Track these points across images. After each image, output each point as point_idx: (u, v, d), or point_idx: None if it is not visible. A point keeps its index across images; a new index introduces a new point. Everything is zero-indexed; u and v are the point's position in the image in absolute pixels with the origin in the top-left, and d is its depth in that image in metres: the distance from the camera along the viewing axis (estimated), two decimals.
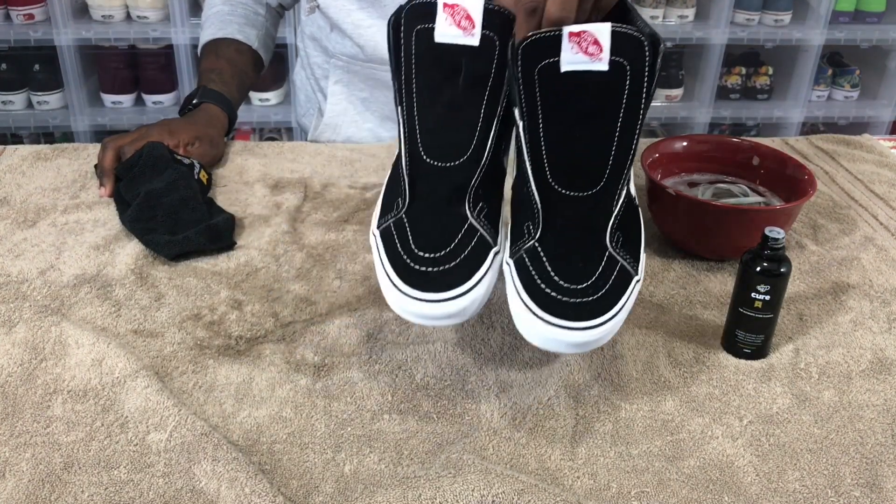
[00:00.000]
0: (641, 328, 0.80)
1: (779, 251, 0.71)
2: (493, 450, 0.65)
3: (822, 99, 2.61)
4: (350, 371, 0.73)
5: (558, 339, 0.60)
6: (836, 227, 0.99)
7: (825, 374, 0.75)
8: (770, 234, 0.71)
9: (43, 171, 1.06)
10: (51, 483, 0.61)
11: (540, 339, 0.61)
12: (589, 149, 0.64)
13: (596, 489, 0.62)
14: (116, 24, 2.25)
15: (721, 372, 0.75)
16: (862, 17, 2.45)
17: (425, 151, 0.66)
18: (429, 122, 0.66)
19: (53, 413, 0.67)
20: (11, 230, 0.92)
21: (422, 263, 0.62)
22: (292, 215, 0.97)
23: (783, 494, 0.62)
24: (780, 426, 0.69)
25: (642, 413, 0.70)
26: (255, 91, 2.38)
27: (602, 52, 0.60)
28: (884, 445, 0.67)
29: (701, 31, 2.40)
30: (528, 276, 0.62)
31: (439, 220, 0.65)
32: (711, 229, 0.86)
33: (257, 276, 0.86)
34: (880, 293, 0.86)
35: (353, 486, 0.62)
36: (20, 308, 0.78)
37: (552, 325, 0.60)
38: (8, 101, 2.34)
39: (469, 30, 0.64)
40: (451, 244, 0.63)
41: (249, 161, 1.10)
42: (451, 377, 0.73)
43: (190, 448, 0.63)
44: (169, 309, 0.80)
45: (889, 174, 1.12)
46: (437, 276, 0.61)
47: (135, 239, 0.89)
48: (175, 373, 0.72)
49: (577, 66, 0.61)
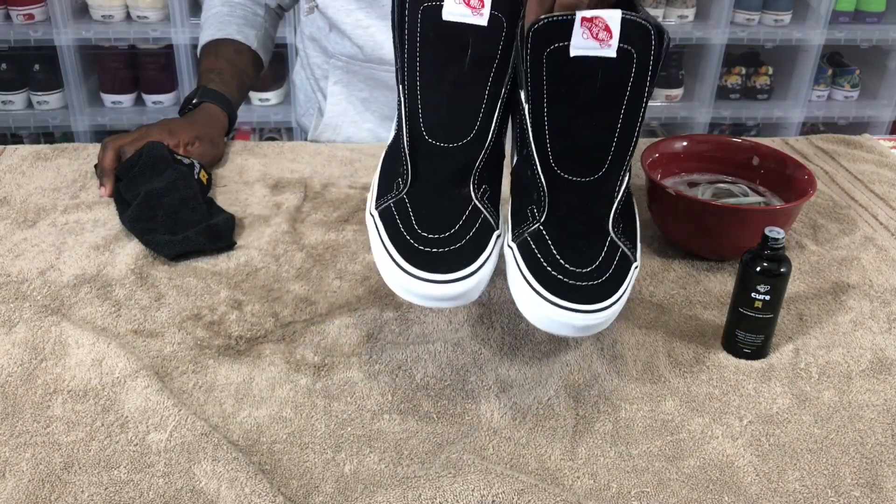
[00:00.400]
0: (641, 328, 0.80)
1: (779, 251, 0.71)
2: (493, 450, 0.65)
3: (822, 99, 2.61)
4: (350, 371, 0.73)
5: (564, 322, 0.60)
6: (836, 227, 0.99)
7: (825, 374, 0.75)
8: (770, 234, 0.71)
9: (43, 171, 1.06)
10: (51, 483, 0.61)
11: (546, 322, 0.61)
12: (593, 134, 0.64)
13: (596, 489, 0.62)
14: (116, 24, 2.25)
15: (721, 372, 0.75)
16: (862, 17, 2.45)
17: (427, 132, 0.66)
18: (432, 101, 0.66)
19: (53, 413, 0.67)
20: (11, 230, 0.92)
21: (426, 244, 0.62)
22: (292, 215, 0.97)
23: (783, 494, 0.62)
24: (780, 426, 0.69)
25: (642, 413, 0.70)
26: (255, 91, 2.38)
27: (612, 38, 0.62)
28: (884, 445, 0.67)
29: (701, 31, 2.40)
30: (533, 259, 0.63)
31: (443, 200, 0.65)
32: (711, 229, 0.86)
33: (257, 276, 0.86)
34: (880, 293, 0.86)
35: (353, 486, 0.62)
36: (20, 308, 0.78)
37: (559, 308, 0.60)
38: (8, 101, 2.34)
39: (478, 9, 0.64)
40: (456, 225, 0.63)
41: (249, 161, 1.10)
42: (451, 377, 0.73)
43: (190, 448, 0.63)
44: (169, 309, 0.80)
45: (889, 174, 1.12)
46: (442, 257, 0.61)
47: (135, 239, 0.89)
48: (175, 373, 0.72)
49: (586, 51, 0.62)
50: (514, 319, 0.80)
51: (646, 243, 0.94)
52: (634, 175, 1.09)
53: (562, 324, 0.61)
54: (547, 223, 0.64)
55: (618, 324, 0.80)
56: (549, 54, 0.63)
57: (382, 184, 0.68)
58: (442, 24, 0.65)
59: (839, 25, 2.42)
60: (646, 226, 0.97)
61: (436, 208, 0.64)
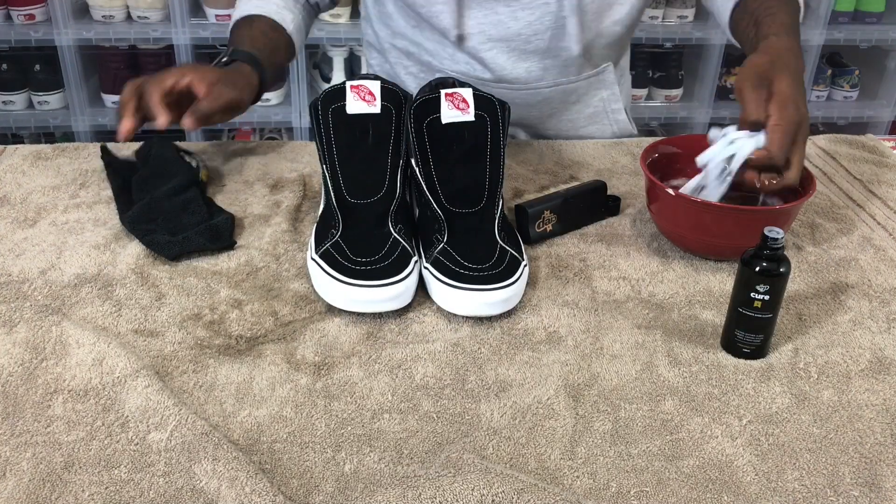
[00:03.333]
0: (641, 328, 0.80)
1: (778, 251, 0.72)
2: (492, 449, 0.66)
3: (821, 99, 2.61)
4: (350, 370, 0.73)
5: (480, 301, 0.78)
6: (835, 226, 0.99)
7: (824, 374, 0.75)
8: (769, 234, 0.71)
9: (43, 170, 1.06)
10: (51, 482, 0.61)
11: (464, 307, 0.79)
12: (469, 179, 0.87)
13: (595, 488, 0.62)
14: (117, 24, 2.25)
15: (720, 372, 0.75)
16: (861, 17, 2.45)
17: (349, 194, 0.86)
18: (350, 172, 0.86)
19: (54, 412, 0.67)
20: (12, 230, 0.92)
21: (361, 265, 0.80)
22: (292, 214, 0.97)
23: (782, 494, 0.63)
24: (779, 426, 0.69)
25: (642, 413, 0.70)
26: None
27: (469, 107, 0.87)
28: (883, 445, 0.67)
29: (700, 32, 2.40)
30: (444, 266, 0.81)
31: (370, 238, 0.83)
32: (711, 229, 0.87)
33: (257, 276, 0.86)
34: (879, 293, 0.87)
35: (353, 485, 0.62)
36: (21, 308, 0.78)
37: (472, 291, 0.78)
38: (9, 101, 2.34)
39: (372, 102, 0.87)
40: (382, 251, 0.81)
41: (249, 161, 1.10)
42: (451, 377, 0.73)
43: (190, 447, 0.63)
44: (169, 308, 0.80)
45: (888, 174, 1.12)
46: (375, 272, 0.79)
47: (135, 238, 0.89)
48: (175, 372, 0.72)
49: (452, 118, 0.86)
50: (513, 319, 0.80)
51: (646, 243, 0.94)
52: (635, 175, 1.10)
53: (479, 303, 0.78)
54: (449, 241, 0.84)
55: (618, 324, 0.80)
56: (427, 124, 0.86)
57: (318, 236, 0.86)
58: (347, 117, 0.86)
59: (839, 26, 2.42)
60: (646, 226, 0.97)
61: (365, 243, 0.82)
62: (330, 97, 0.87)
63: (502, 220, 0.87)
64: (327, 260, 0.81)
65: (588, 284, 0.86)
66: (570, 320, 0.80)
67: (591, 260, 0.91)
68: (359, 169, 0.86)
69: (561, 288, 0.85)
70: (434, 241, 0.84)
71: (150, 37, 2.23)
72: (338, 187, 0.86)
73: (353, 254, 0.81)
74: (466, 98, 0.86)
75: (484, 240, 0.84)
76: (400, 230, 0.84)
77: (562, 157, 1.15)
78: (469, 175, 0.86)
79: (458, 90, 0.87)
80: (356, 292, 0.77)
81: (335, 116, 0.87)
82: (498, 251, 0.83)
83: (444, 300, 0.80)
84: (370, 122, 0.87)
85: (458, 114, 0.86)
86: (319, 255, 0.82)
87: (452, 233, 0.84)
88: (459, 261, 0.81)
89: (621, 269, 0.89)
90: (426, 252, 0.85)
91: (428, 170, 0.86)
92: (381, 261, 0.80)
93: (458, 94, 0.86)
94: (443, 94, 0.86)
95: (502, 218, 0.87)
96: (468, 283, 0.78)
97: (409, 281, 0.79)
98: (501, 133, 0.88)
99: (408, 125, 0.87)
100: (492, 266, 0.80)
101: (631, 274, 0.88)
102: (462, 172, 0.86)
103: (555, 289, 0.85)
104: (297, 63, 2.27)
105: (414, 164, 0.87)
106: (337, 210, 0.85)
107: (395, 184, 0.86)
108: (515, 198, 1.03)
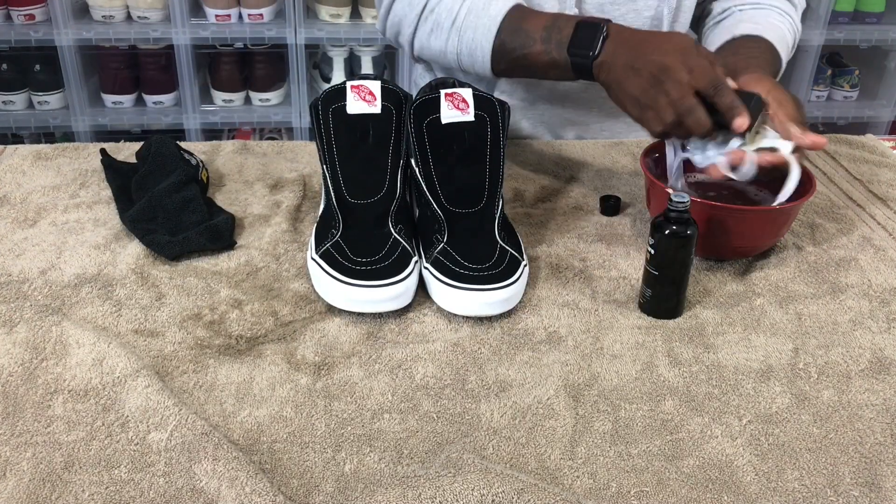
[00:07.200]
0: (641, 328, 0.80)
1: (675, 213, 0.77)
2: (492, 449, 0.66)
3: (821, 99, 2.61)
4: (350, 370, 0.73)
5: (480, 301, 0.78)
6: (835, 226, 0.99)
7: (824, 374, 0.75)
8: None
9: (43, 170, 1.06)
10: (51, 482, 0.61)
11: (464, 307, 0.79)
12: (469, 179, 0.86)
13: (595, 488, 0.62)
14: (117, 24, 2.25)
15: (720, 372, 0.75)
16: (861, 17, 2.45)
17: (350, 195, 0.86)
18: (350, 172, 0.87)
19: (54, 412, 0.67)
20: (12, 229, 0.92)
21: (361, 265, 0.80)
22: (292, 214, 0.97)
23: (782, 494, 0.63)
24: (779, 426, 0.69)
25: (642, 413, 0.70)
26: (254, 91, 2.38)
27: (469, 107, 0.86)
28: (883, 445, 0.67)
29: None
30: (445, 267, 0.81)
31: (370, 238, 0.83)
32: (711, 229, 0.87)
33: (257, 276, 0.86)
34: (879, 293, 0.87)
35: (353, 485, 0.62)
36: (21, 308, 0.78)
37: (472, 291, 0.78)
38: (9, 102, 2.34)
39: (372, 102, 0.87)
40: (382, 251, 0.82)
41: (249, 161, 1.10)
42: (451, 377, 0.73)
43: (190, 447, 0.63)
44: (169, 308, 0.80)
45: (889, 174, 1.12)
46: (376, 272, 0.79)
47: (136, 238, 0.89)
48: (175, 372, 0.72)
49: (452, 118, 0.86)
50: (513, 319, 0.80)
51: (646, 243, 0.94)
52: (635, 175, 1.10)
53: (478, 303, 0.78)
54: (449, 242, 0.84)
55: (618, 324, 0.80)
56: (427, 124, 0.86)
57: (318, 236, 0.86)
58: (348, 117, 0.86)
59: (838, 26, 2.42)
60: (646, 226, 0.97)
61: (365, 243, 0.82)
62: (330, 97, 0.87)
63: (502, 220, 0.87)
64: (327, 260, 0.81)
65: (588, 284, 0.86)
66: (570, 320, 0.81)
67: (591, 260, 0.91)
68: (359, 169, 0.87)
69: (561, 288, 0.86)
70: (434, 241, 0.85)
71: (150, 37, 2.22)
72: (338, 187, 0.86)
73: (354, 254, 0.81)
74: (466, 98, 0.86)
75: (484, 240, 0.84)
76: (400, 230, 0.84)
77: (562, 157, 1.15)
78: (469, 175, 0.86)
79: (458, 90, 0.87)
80: (356, 292, 0.78)
81: (335, 116, 0.87)
82: (498, 251, 0.83)
83: (445, 300, 0.80)
84: (370, 123, 0.87)
85: (458, 114, 0.86)
86: (320, 255, 0.82)
87: (452, 233, 0.84)
88: (459, 261, 0.81)
89: (621, 269, 0.89)
90: (426, 252, 0.85)
91: (428, 170, 0.86)
92: (381, 261, 0.80)
93: (457, 94, 0.86)
94: (442, 94, 0.86)
95: (502, 218, 0.88)
96: (468, 283, 0.79)
97: (409, 281, 0.80)
98: (501, 133, 0.88)
99: (408, 125, 0.87)
100: (492, 266, 0.81)
101: (631, 274, 0.88)
102: (462, 172, 0.86)
103: (555, 289, 0.85)
104: (297, 63, 2.27)
105: (414, 165, 0.87)
106: (337, 210, 0.85)
107: (395, 184, 0.86)
108: (515, 198, 1.03)
